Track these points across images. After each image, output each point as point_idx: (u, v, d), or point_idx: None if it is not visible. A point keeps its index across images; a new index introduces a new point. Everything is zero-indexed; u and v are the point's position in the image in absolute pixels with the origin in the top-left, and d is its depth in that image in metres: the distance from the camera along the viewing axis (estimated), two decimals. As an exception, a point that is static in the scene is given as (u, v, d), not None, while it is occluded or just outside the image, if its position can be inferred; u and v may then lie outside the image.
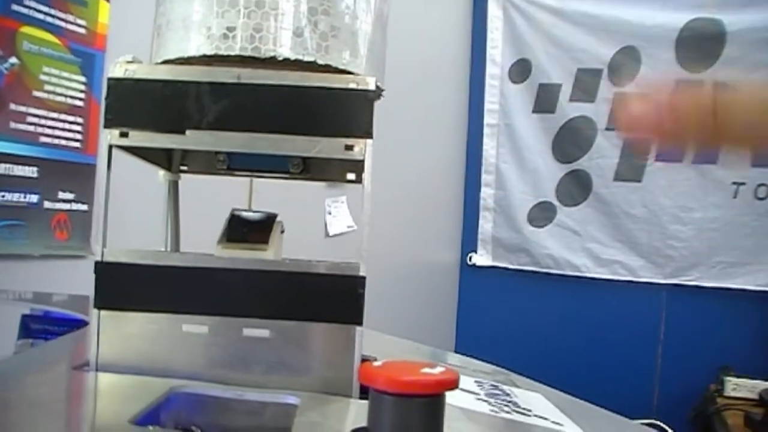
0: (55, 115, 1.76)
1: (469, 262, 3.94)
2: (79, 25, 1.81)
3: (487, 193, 3.89)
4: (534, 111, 3.83)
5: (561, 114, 3.78)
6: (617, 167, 3.70)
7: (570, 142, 3.77)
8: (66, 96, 1.79)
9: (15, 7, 1.64)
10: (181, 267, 0.47)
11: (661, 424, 2.57)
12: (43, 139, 1.73)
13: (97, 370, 0.47)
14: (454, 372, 0.36)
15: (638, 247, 3.66)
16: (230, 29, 0.47)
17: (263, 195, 0.67)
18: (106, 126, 0.47)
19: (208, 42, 0.47)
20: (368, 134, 0.46)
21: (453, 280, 3.99)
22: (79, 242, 1.82)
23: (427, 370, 0.36)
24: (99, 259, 0.47)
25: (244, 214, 0.57)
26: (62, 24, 1.76)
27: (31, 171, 1.71)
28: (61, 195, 1.78)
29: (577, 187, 3.76)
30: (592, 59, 3.72)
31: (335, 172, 0.64)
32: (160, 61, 0.50)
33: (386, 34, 0.55)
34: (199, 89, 0.46)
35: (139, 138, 0.46)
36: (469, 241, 3.96)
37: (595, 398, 0.97)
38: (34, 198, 1.71)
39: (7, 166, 1.65)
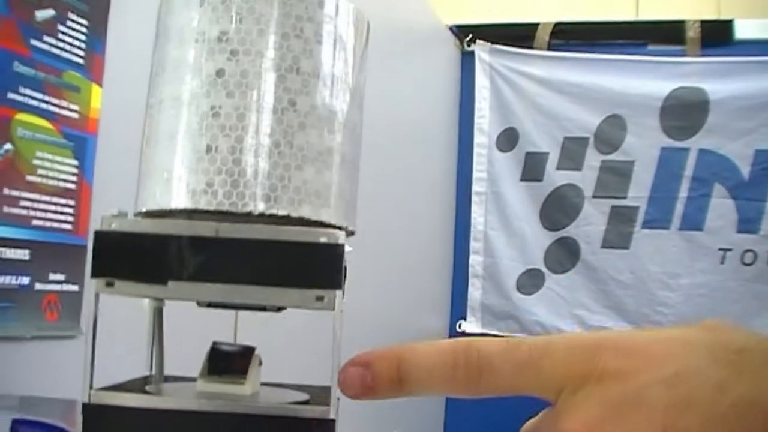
0: (47, 198, 1.79)
1: (458, 329, 3.94)
2: (72, 110, 1.84)
3: (475, 260, 3.91)
4: (522, 179, 3.87)
5: (548, 182, 3.82)
6: (605, 234, 3.73)
7: (557, 209, 3.80)
8: (58, 179, 1.82)
9: (11, 95, 1.67)
10: (162, 410, 0.50)
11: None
12: (36, 222, 1.76)
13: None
14: None
15: (626, 313, 3.68)
16: (209, 185, 0.50)
17: (247, 319, 0.70)
18: (93, 276, 0.50)
19: (188, 196, 0.51)
20: (338, 285, 0.49)
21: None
22: (70, 322, 1.84)
23: None
24: (86, 401, 0.50)
25: (224, 347, 0.60)
26: (56, 110, 1.80)
27: (22, 254, 1.73)
28: (52, 276, 1.80)
29: (565, 254, 3.79)
30: (578, 128, 3.77)
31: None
32: (143, 209, 0.53)
33: (358, 178, 0.58)
34: (180, 243, 0.50)
35: (125, 288, 0.50)
36: (458, 307, 3.97)
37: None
38: (25, 280, 1.73)
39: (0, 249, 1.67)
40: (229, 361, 0.58)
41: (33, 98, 1.74)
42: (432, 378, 0.47)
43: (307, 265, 0.50)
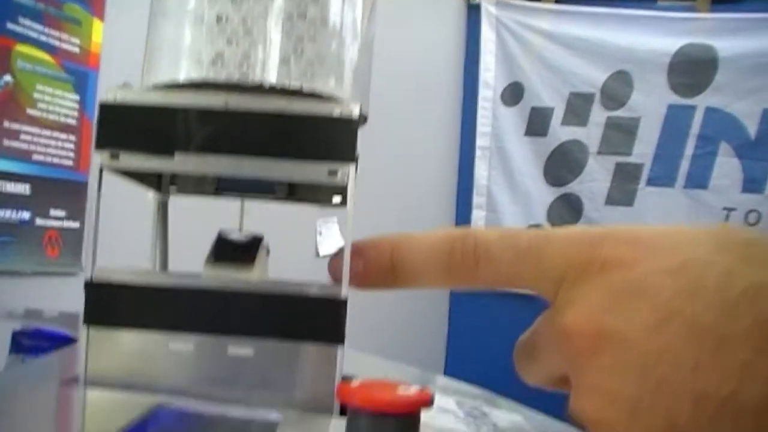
0: (48, 132, 1.77)
1: (459, 285, 3.94)
2: (73, 44, 1.82)
3: (478, 216, 3.90)
4: (526, 134, 3.85)
5: (553, 137, 3.79)
6: (608, 191, 3.72)
7: (561, 165, 3.78)
8: (59, 114, 1.80)
9: (10, 25, 1.65)
10: (167, 287, 0.49)
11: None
12: (36, 156, 1.74)
13: (85, 384, 0.48)
14: (428, 392, 0.37)
15: (628, 270, 3.67)
16: (219, 55, 0.48)
17: (254, 217, 0.68)
18: (97, 148, 0.48)
19: (198, 68, 0.49)
20: (351, 159, 0.47)
21: (443, 301, 3.99)
22: (70, 259, 1.84)
23: (402, 389, 0.37)
24: (89, 278, 0.48)
25: (231, 235, 0.58)
26: (56, 43, 1.78)
27: (23, 188, 1.72)
28: (53, 212, 1.80)
29: (568, 211, 3.77)
30: (584, 83, 3.74)
31: (321, 195, 0.65)
32: (150, 84, 0.51)
33: (372, 60, 0.56)
34: (188, 114, 0.48)
35: (129, 160, 0.48)
36: (459, 263, 3.96)
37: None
38: (25, 215, 1.72)
39: (0, 183, 1.66)
40: (235, 249, 0.56)
41: (33, 29, 1.72)
42: (426, 266, 0.45)
43: (320, 138, 0.48)
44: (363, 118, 0.51)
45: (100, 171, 0.48)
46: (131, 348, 0.48)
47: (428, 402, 0.37)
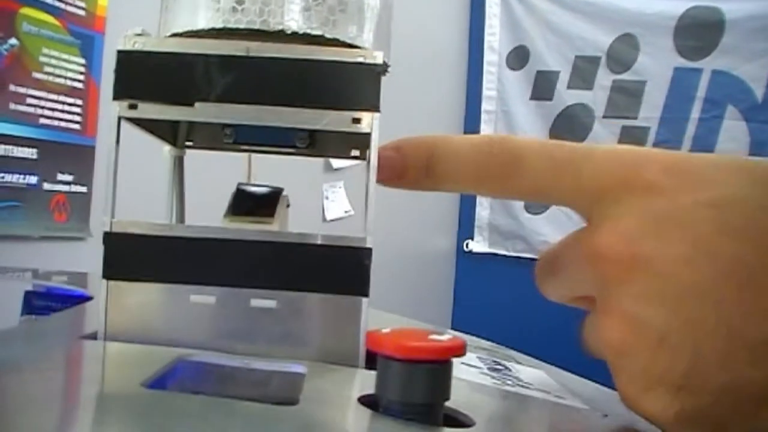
0: (54, 96, 1.76)
1: (465, 249, 3.95)
2: (79, 7, 1.81)
3: (484, 180, 3.89)
4: (531, 98, 3.83)
5: (558, 101, 3.78)
6: (614, 155, 3.70)
7: (567, 129, 3.77)
8: (65, 78, 1.79)
9: (14, -14, 1.64)
10: (188, 238, 0.48)
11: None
12: (43, 120, 1.73)
13: (105, 339, 0.47)
14: (461, 339, 0.37)
15: (635, 234, 3.66)
16: (239, 2, 0.47)
17: (261, 179, 0.68)
18: (115, 98, 0.47)
19: (217, 15, 0.48)
20: (375, 108, 0.47)
21: (449, 266, 4.00)
22: (78, 224, 1.83)
23: (434, 336, 0.37)
24: (107, 230, 0.47)
25: (250, 188, 0.57)
26: (61, 5, 1.76)
27: (30, 152, 1.71)
28: (60, 177, 1.79)
29: (573, 175, 3.76)
30: (590, 47, 3.72)
31: (340, 148, 0.64)
32: (168, 34, 0.50)
33: (392, 10, 0.55)
34: (208, 62, 0.47)
35: (148, 110, 0.47)
36: (465, 227, 3.96)
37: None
38: (33, 179, 1.71)
39: (7, 147, 1.65)
40: (255, 201, 0.55)
41: (38, -9, 1.71)
42: (463, 167, 0.44)
43: (344, 85, 0.47)
44: (385, 67, 0.50)
45: (118, 121, 0.47)
46: (151, 302, 0.48)
47: (461, 350, 0.36)
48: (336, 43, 0.49)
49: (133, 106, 0.46)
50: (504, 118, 3.86)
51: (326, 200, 2.80)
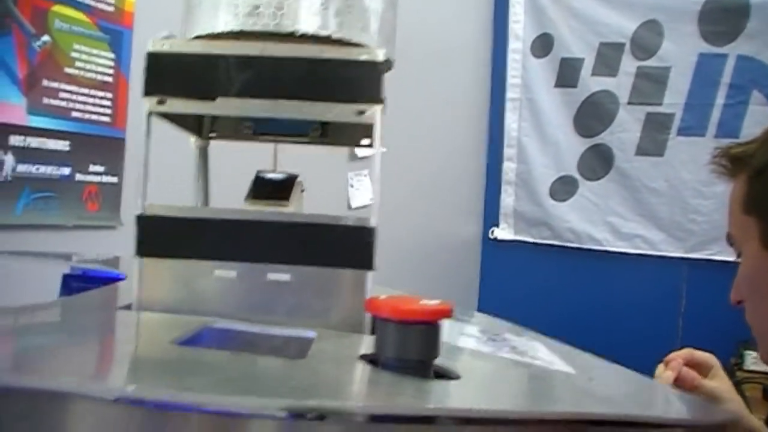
0: (85, 90, 1.82)
1: (491, 236, 3.98)
2: (108, 3, 1.87)
3: (509, 167, 3.93)
4: (556, 85, 3.85)
5: (583, 88, 3.80)
6: (639, 141, 3.71)
7: (592, 116, 3.79)
8: (96, 72, 1.85)
9: (46, -15, 1.70)
10: (212, 219, 0.53)
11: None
12: (75, 114, 1.80)
13: (139, 309, 0.53)
14: (448, 304, 0.42)
15: (659, 221, 3.68)
16: (255, 7, 0.53)
17: (288, 168, 0.73)
18: (145, 94, 0.52)
19: (236, 19, 0.53)
20: (378, 100, 0.52)
21: (475, 253, 4.03)
22: (109, 213, 1.89)
23: (425, 302, 0.42)
24: (140, 212, 0.53)
25: (268, 175, 0.63)
26: (91, 2, 1.82)
27: (63, 145, 1.77)
28: (92, 168, 1.85)
29: (598, 162, 3.78)
30: (614, 33, 3.73)
31: (351, 137, 0.69)
32: (191, 36, 0.56)
33: (396, 9, 0.60)
34: (228, 61, 0.52)
35: (175, 105, 0.52)
36: (491, 214, 4.00)
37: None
38: (66, 171, 1.78)
39: (41, 140, 1.71)
40: (273, 187, 0.61)
41: (69, -11, 1.76)
42: None
43: (349, 81, 0.52)
44: (389, 63, 0.55)
45: (149, 116, 0.53)
46: (180, 276, 0.53)
47: (448, 313, 0.41)
48: (343, 42, 0.54)
49: (161, 102, 0.52)
50: (529, 105, 3.89)
51: (351, 188, 2.86)
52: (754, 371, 3.04)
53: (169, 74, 0.53)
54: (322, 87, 0.52)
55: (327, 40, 0.54)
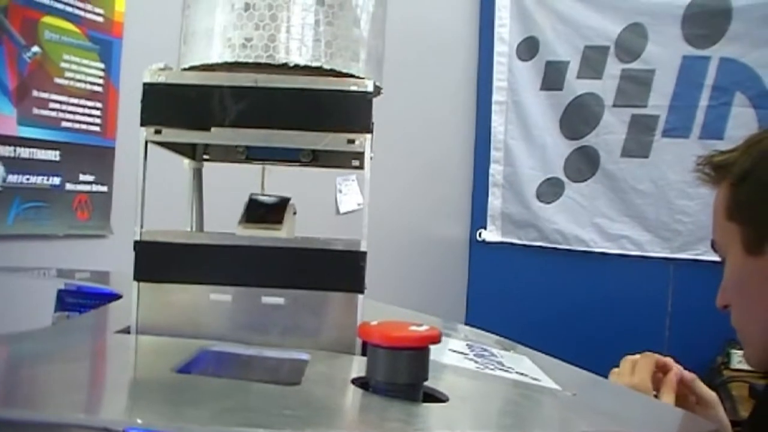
0: (75, 100, 1.84)
1: (478, 238, 4.00)
2: (97, 14, 1.88)
3: (495, 170, 3.95)
4: (542, 88, 3.88)
5: (568, 91, 3.82)
6: (624, 143, 3.74)
7: (577, 118, 3.81)
8: (86, 82, 1.86)
9: (36, -3, 1.71)
10: (207, 245, 0.55)
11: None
12: (65, 123, 1.81)
13: (137, 333, 0.55)
14: (436, 330, 0.44)
15: (646, 221, 3.71)
16: (248, 39, 0.54)
17: (277, 176, 0.74)
18: (142, 124, 0.54)
19: (229, 51, 0.55)
20: (367, 130, 0.54)
21: (463, 255, 4.05)
22: (100, 222, 1.91)
23: (414, 328, 0.44)
24: (138, 238, 0.54)
25: (261, 197, 0.64)
26: (81, 13, 1.83)
27: (53, 155, 1.79)
28: (82, 177, 1.87)
29: (584, 163, 3.81)
30: (599, 36, 3.76)
31: (341, 160, 0.71)
32: (186, 66, 0.58)
33: (384, 38, 0.62)
34: (222, 92, 0.54)
35: (171, 134, 0.54)
36: (478, 217, 4.02)
37: (603, 370, 1.02)
38: (56, 180, 1.79)
39: (31, 150, 1.73)
40: (265, 210, 0.63)
41: (58, 1, 1.78)
42: None
43: (339, 111, 0.54)
44: (377, 91, 0.57)
45: (146, 145, 0.55)
46: (176, 300, 0.55)
47: (436, 339, 0.43)
48: (333, 72, 0.56)
49: (158, 131, 0.54)
50: (515, 108, 3.92)
51: (339, 193, 2.87)
52: (741, 370, 3.07)
53: (165, 105, 0.55)
54: (314, 117, 0.54)
55: (318, 71, 0.56)
